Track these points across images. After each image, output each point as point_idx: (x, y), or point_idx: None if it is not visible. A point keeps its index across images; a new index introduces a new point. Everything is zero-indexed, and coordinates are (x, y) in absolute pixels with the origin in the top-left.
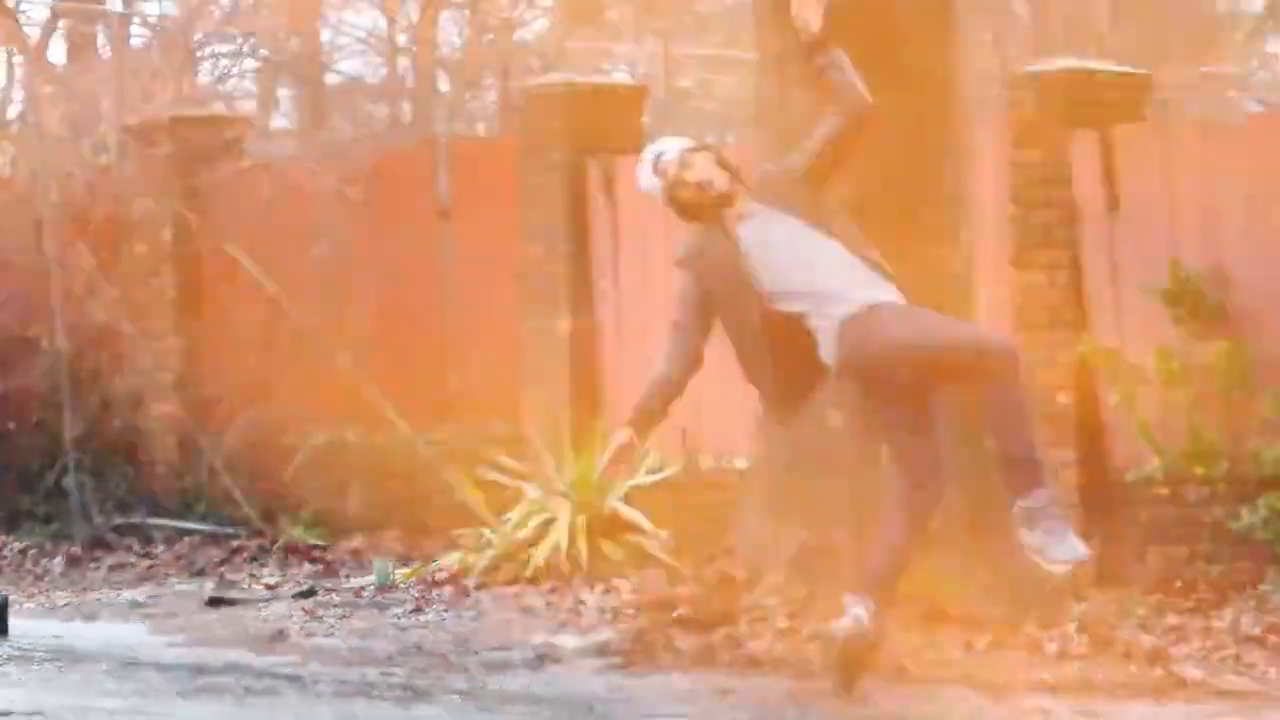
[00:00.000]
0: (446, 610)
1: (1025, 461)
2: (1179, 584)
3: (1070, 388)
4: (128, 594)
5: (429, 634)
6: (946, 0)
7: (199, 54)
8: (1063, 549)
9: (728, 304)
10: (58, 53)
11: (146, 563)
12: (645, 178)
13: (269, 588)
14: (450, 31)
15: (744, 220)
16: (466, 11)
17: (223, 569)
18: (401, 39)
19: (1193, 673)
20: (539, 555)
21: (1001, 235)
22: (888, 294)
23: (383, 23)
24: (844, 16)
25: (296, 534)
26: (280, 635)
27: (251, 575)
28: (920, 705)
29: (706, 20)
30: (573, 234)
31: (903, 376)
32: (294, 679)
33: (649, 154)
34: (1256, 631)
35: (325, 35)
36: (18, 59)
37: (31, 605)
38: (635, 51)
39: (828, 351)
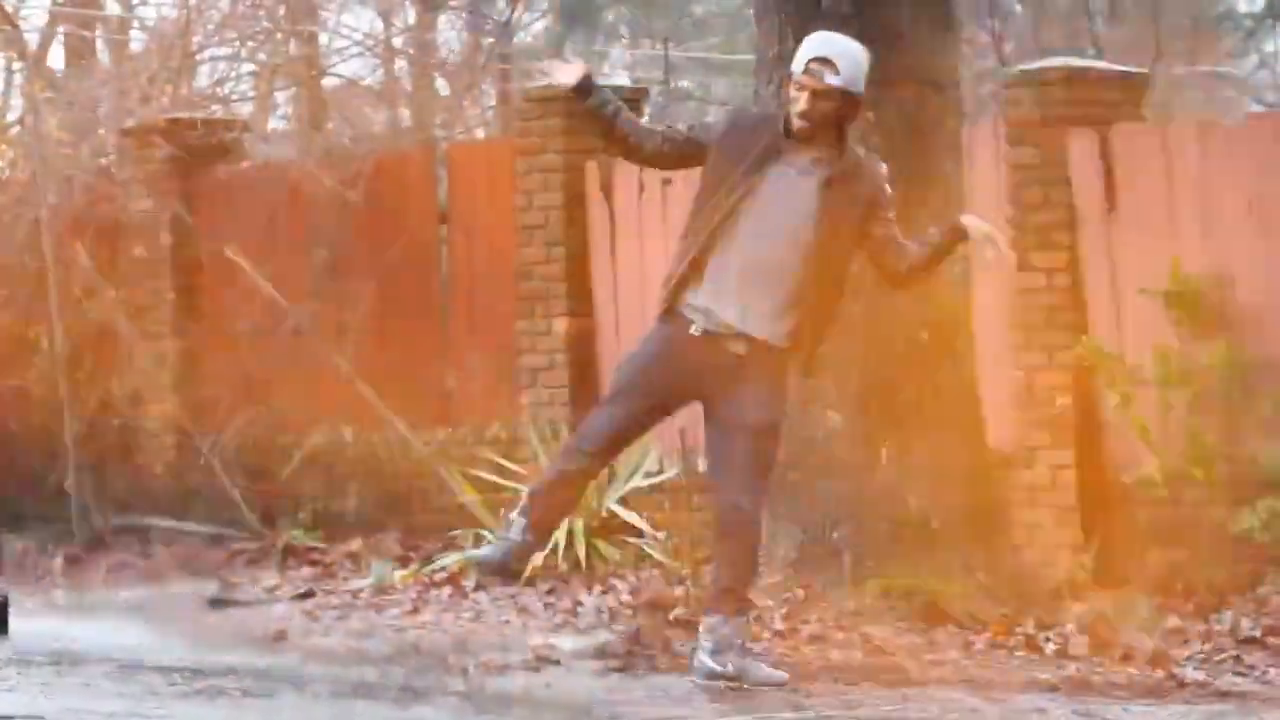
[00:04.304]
0: (444, 611)
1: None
2: (1179, 586)
3: (1069, 389)
4: (127, 595)
5: (427, 635)
6: (945, 0)
7: (197, 57)
8: (763, 675)
9: None
10: (57, 57)
11: (145, 564)
12: None
13: (268, 590)
14: (448, 34)
15: None
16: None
17: (221, 571)
18: (399, 41)
19: (1193, 674)
20: (537, 556)
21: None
22: None
23: (380, 25)
24: (843, 17)
25: (295, 536)
26: (279, 637)
27: (252, 578)
28: (919, 706)
29: (705, 22)
30: (570, 235)
31: None
32: (293, 680)
33: None
34: (1256, 634)
35: (323, 38)
36: (17, 64)
37: (31, 605)
38: (634, 53)
39: None
